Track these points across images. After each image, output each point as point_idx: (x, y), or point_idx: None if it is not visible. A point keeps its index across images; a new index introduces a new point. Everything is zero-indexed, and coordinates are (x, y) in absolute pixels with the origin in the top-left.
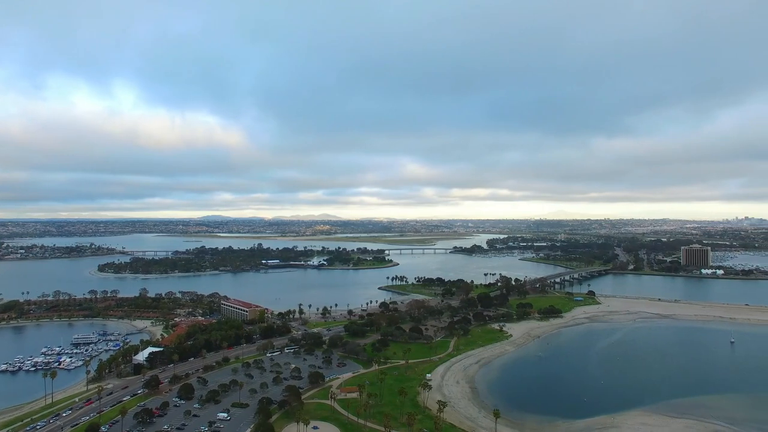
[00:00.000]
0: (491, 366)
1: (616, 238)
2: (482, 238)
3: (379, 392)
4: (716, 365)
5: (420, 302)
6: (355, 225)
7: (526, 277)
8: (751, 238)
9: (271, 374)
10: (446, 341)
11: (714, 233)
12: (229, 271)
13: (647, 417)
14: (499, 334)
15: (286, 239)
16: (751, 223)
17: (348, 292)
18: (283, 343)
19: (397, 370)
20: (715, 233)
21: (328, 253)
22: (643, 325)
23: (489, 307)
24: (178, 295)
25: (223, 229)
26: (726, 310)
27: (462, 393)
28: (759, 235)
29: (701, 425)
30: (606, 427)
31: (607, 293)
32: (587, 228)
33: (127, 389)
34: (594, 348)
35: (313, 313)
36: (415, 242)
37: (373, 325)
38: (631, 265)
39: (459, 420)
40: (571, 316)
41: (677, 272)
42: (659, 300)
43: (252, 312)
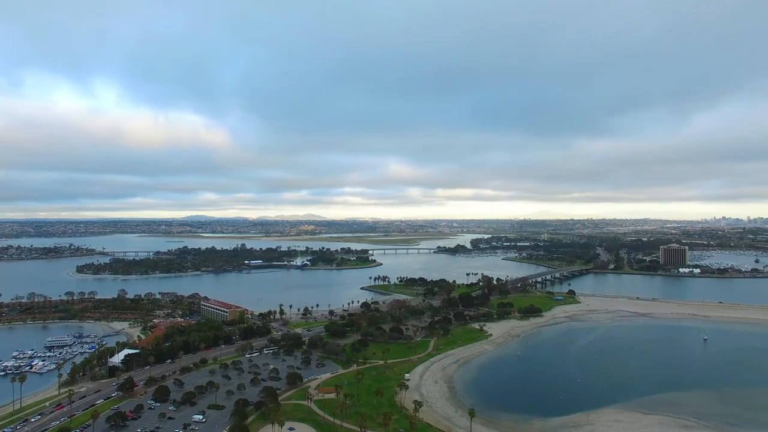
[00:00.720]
0: (470, 365)
1: (598, 237)
2: (466, 238)
3: (356, 392)
4: (689, 362)
5: (401, 302)
6: (339, 225)
7: (507, 276)
8: (728, 237)
9: (249, 375)
10: (426, 341)
11: (693, 233)
12: (211, 272)
13: (620, 414)
14: (479, 334)
15: (270, 239)
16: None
17: (330, 293)
18: (262, 344)
19: (376, 370)
20: (693, 233)
21: (311, 254)
22: (621, 324)
23: (470, 306)
24: (157, 296)
25: (207, 229)
26: (700, 308)
27: (440, 392)
28: (735, 235)
29: (672, 421)
30: (580, 424)
31: (587, 292)
32: (570, 228)
33: (100, 392)
34: (572, 347)
35: (294, 313)
36: (399, 242)
37: (354, 326)
38: (612, 264)
39: (435, 419)
40: (551, 315)
41: (656, 271)
42: (637, 299)
43: (232, 313)
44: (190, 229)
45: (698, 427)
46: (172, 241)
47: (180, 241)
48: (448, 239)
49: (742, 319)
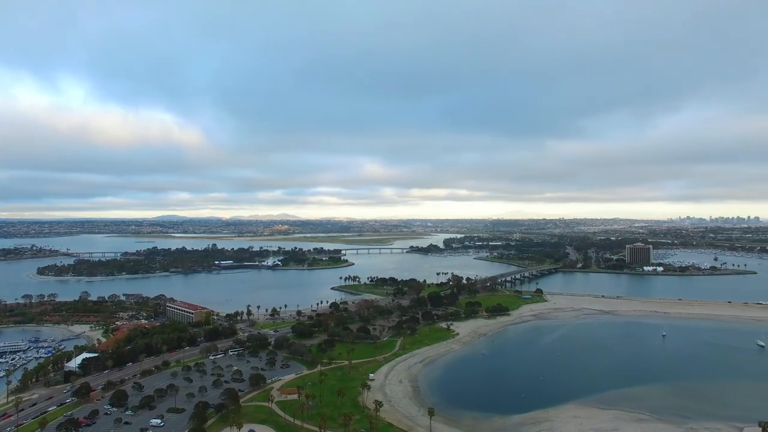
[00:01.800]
0: (435, 365)
1: (568, 237)
2: (440, 237)
3: (319, 393)
4: (648, 358)
5: (369, 302)
6: (314, 225)
7: (476, 276)
8: (691, 236)
9: (211, 377)
10: (393, 341)
11: (659, 232)
12: (180, 273)
13: (579, 410)
14: (446, 333)
15: (243, 239)
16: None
17: (301, 293)
18: (227, 345)
19: (341, 370)
20: (659, 232)
21: (284, 254)
22: (586, 321)
23: (439, 306)
24: (122, 297)
25: (178, 229)
26: (661, 305)
27: (404, 392)
28: (697, 234)
29: (627, 415)
30: (539, 421)
31: (554, 291)
32: (542, 227)
33: (52, 399)
34: (537, 345)
35: (262, 314)
36: (372, 242)
37: (321, 326)
38: (580, 263)
39: (397, 419)
40: (518, 314)
41: (622, 270)
42: (603, 297)
43: (198, 314)
44: (161, 229)
45: (652, 420)
46: (141, 242)
47: (150, 241)
48: (422, 239)
49: (698, 315)
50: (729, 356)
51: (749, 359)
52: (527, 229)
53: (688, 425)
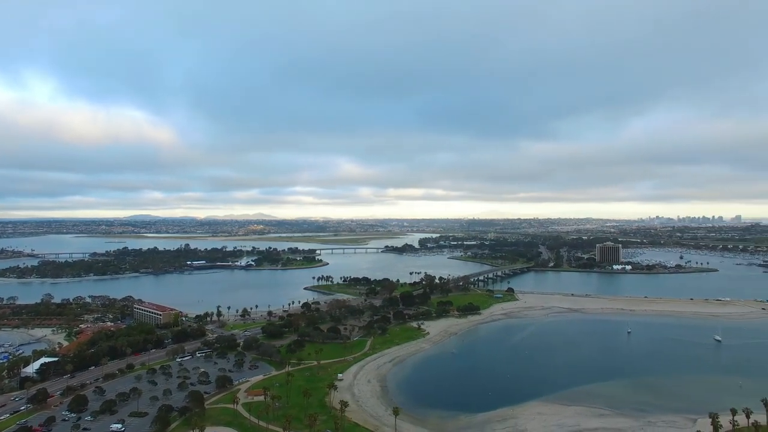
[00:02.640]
0: (405, 364)
1: (541, 236)
2: (415, 237)
3: (286, 394)
4: (612, 354)
5: (341, 302)
6: (290, 224)
7: (449, 275)
8: (659, 235)
9: (177, 380)
10: (364, 341)
11: (629, 231)
12: (150, 273)
13: (543, 407)
14: (417, 333)
15: (217, 239)
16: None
17: (273, 293)
18: (195, 347)
19: (310, 371)
20: (630, 231)
21: (258, 254)
22: (555, 320)
23: (411, 305)
24: (87, 299)
25: (151, 229)
26: (627, 303)
27: (372, 392)
28: (665, 233)
29: (589, 411)
30: (505, 418)
31: (526, 290)
32: (517, 227)
33: (5, 407)
34: (506, 343)
35: (233, 315)
36: (348, 242)
37: (292, 326)
38: (552, 262)
39: (364, 419)
40: (489, 313)
41: (592, 268)
42: (572, 295)
43: (166, 315)
44: (132, 229)
45: (612, 416)
46: (111, 242)
47: (121, 241)
48: (398, 239)
49: (662, 312)
50: (688, 351)
51: (706, 354)
52: (502, 228)
53: (647, 419)
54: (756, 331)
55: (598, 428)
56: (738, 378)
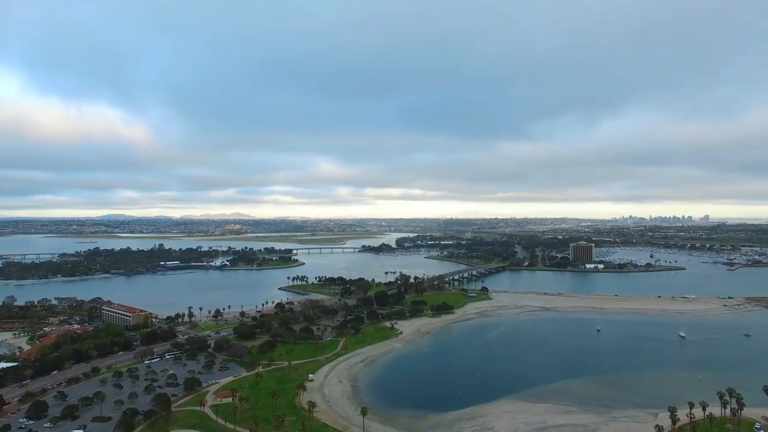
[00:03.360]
0: (376, 364)
1: (518, 236)
2: (393, 237)
3: (255, 395)
4: (581, 352)
5: (315, 302)
6: (267, 224)
7: (424, 275)
8: (632, 235)
9: (144, 383)
10: (336, 341)
11: (603, 231)
12: (122, 274)
13: (512, 405)
14: (390, 332)
15: (193, 239)
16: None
17: (248, 293)
18: (165, 348)
19: (281, 371)
20: (604, 231)
21: (234, 254)
22: (527, 318)
23: (385, 305)
24: (53, 301)
25: (125, 229)
26: (598, 301)
27: (342, 392)
28: (637, 233)
29: (557, 408)
30: (473, 417)
31: (500, 289)
32: (494, 227)
33: None
34: (478, 342)
35: (205, 315)
36: (325, 241)
37: (264, 327)
38: (527, 261)
39: (333, 419)
40: (462, 312)
41: (566, 267)
42: (545, 294)
43: (135, 317)
44: (105, 228)
45: (579, 412)
46: (83, 242)
47: (93, 241)
48: (375, 238)
49: (631, 310)
50: (654, 347)
51: (671, 350)
52: (479, 228)
53: (611, 414)
54: (717, 326)
55: (564, 425)
56: (699, 372)
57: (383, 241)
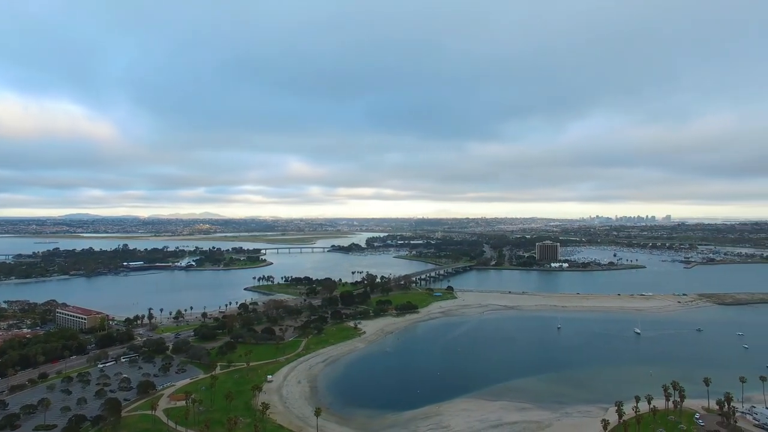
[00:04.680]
0: (337, 364)
1: (487, 235)
2: (364, 236)
3: (210, 398)
4: (541, 350)
5: (278, 302)
6: (237, 224)
7: (391, 274)
8: (597, 234)
9: (96, 387)
10: (298, 341)
11: (570, 230)
12: (82, 276)
13: (469, 403)
14: (353, 332)
15: (160, 239)
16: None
17: (213, 294)
18: (121, 351)
19: (239, 373)
20: (571, 230)
21: (201, 254)
22: (490, 317)
23: (351, 305)
24: (3, 305)
25: (88, 228)
26: (560, 300)
27: (301, 393)
28: (603, 232)
29: (512, 405)
30: (430, 416)
31: (466, 288)
32: (464, 226)
33: None
34: (440, 341)
35: (166, 317)
36: (295, 241)
37: (226, 328)
38: (494, 260)
39: (289, 420)
40: (427, 312)
41: (532, 266)
42: (509, 293)
43: (91, 320)
44: (67, 228)
45: (533, 409)
46: (42, 243)
47: (53, 242)
48: (346, 238)
49: (591, 308)
50: (610, 344)
51: (626, 346)
52: (450, 228)
53: (564, 410)
54: (671, 322)
55: (518, 421)
56: (650, 367)
57: (354, 240)
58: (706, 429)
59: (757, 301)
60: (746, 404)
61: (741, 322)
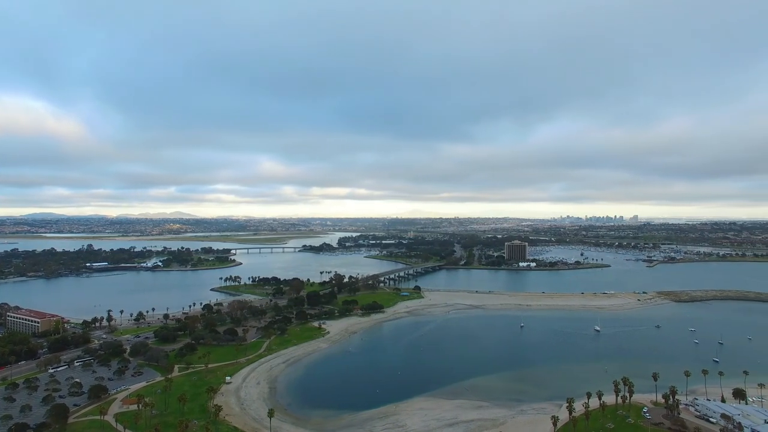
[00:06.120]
0: (299, 364)
1: (459, 235)
2: (336, 236)
3: (164, 401)
4: (503, 348)
5: (243, 302)
6: (209, 223)
7: (358, 274)
8: (567, 234)
9: (44, 393)
10: (261, 341)
11: (541, 230)
12: (41, 277)
13: (426, 402)
14: (317, 332)
15: (128, 239)
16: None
17: (179, 295)
18: (74, 355)
19: (198, 375)
20: (542, 230)
21: (169, 254)
22: (455, 316)
23: (317, 304)
24: None
25: (51, 228)
26: (525, 298)
27: (259, 394)
28: (572, 232)
29: (469, 404)
30: (387, 415)
31: (434, 288)
32: (437, 226)
33: None
34: (404, 340)
35: (126, 319)
36: (267, 241)
37: (188, 329)
38: (463, 260)
39: (244, 422)
40: (393, 311)
41: (500, 266)
42: (476, 292)
43: (45, 323)
44: (29, 228)
45: (491, 407)
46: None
47: (11, 242)
48: (319, 237)
49: (554, 306)
50: (570, 342)
51: (585, 343)
52: (423, 227)
53: (520, 408)
54: (630, 319)
55: (474, 420)
56: (606, 363)
57: (326, 240)
58: (651, 422)
59: (710, 298)
60: (690, 396)
61: (694, 319)
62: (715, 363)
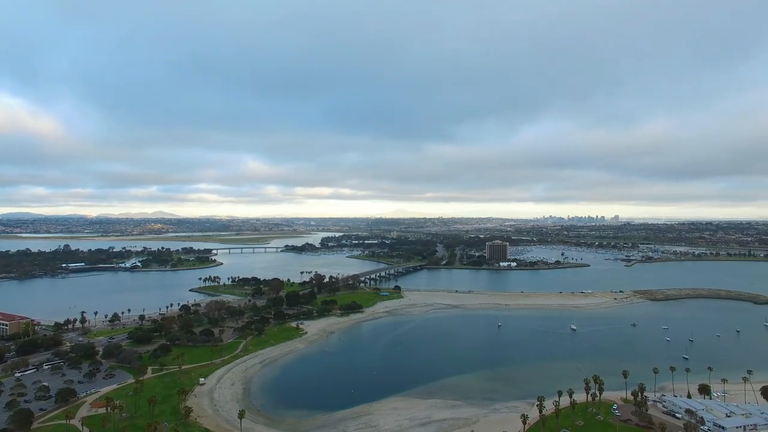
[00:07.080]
0: (275, 365)
1: (442, 235)
2: (319, 236)
3: (135, 403)
4: (480, 347)
5: (220, 303)
6: (191, 223)
7: (338, 273)
8: (549, 233)
9: (8, 398)
10: (238, 342)
11: (524, 230)
12: (13, 278)
13: (401, 402)
14: (294, 332)
15: (108, 240)
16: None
17: (157, 295)
18: (44, 358)
19: (171, 376)
20: (525, 230)
21: (149, 254)
22: (434, 316)
23: (296, 305)
24: None
25: (28, 228)
26: (505, 298)
27: (233, 395)
28: (554, 232)
29: (443, 403)
30: (360, 415)
31: (414, 287)
32: (421, 226)
33: None
34: (382, 340)
35: (101, 320)
36: (249, 241)
37: (163, 330)
38: (445, 260)
39: (216, 424)
40: (372, 311)
41: (481, 265)
42: (456, 291)
43: (14, 325)
44: (3, 228)
45: (464, 406)
46: None
47: None
48: (302, 237)
49: (532, 306)
50: (546, 340)
51: (561, 342)
52: (406, 227)
53: (493, 406)
54: (605, 318)
55: (446, 419)
56: (581, 362)
57: (309, 240)
58: (620, 418)
59: (684, 297)
60: (658, 393)
61: (667, 317)
62: (685, 360)
